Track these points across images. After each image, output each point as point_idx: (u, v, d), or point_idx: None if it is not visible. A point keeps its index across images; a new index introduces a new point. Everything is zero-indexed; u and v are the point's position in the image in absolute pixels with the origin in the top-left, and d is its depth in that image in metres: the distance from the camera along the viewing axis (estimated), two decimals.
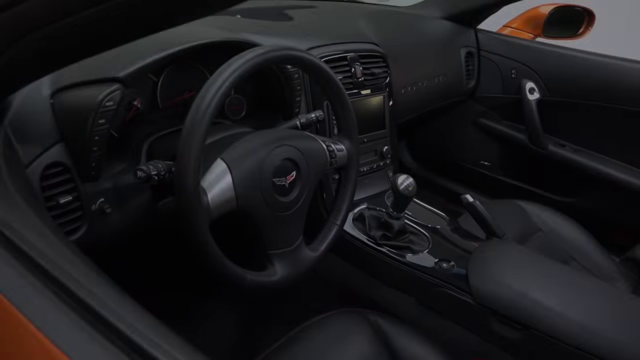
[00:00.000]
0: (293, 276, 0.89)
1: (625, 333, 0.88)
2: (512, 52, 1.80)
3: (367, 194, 1.32)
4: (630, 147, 1.63)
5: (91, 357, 0.43)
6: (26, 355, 0.46)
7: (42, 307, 0.46)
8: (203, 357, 0.46)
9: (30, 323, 0.45)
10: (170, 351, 0.44)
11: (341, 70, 1.22)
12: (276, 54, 0.80)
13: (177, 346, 0.45)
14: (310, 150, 0.90)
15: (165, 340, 0.45)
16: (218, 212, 0.76)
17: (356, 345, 0.94)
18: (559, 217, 1.48)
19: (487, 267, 1.04)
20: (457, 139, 2.01)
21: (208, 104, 0.71)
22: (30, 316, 0.45)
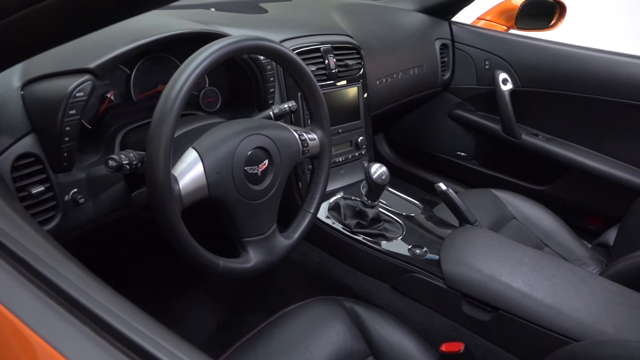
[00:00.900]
0: (267, 263, 0.91)
1: (588, 311, 0.92)
2: (485, 44, 1.83)
3: (342, 183, 1.34)
4: (600, 135, 1.68)
5: (70, 342, 0.44)
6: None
7: (17, 293, 0.47)
8: (184, 343, 0.47)
9: (3, 307, 0.46)
10: (150, 335, 0.45)
11: (315, 62, 1.24)
12: (245, 43, 0.81)
13: (158, 332, 0.46)
14: (282, 139, 0.91)
15: (146, 327, 0.46)
16: (190, 200, 0.77)
17: (333, 332, 0.96)
18: (533, 204, 1.52)
19: (458, 252, 1.07)
20: (433, 130, 2.04)
21: (177, 93, 0.72)
22: (4, 302, 0.46)
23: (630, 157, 1.62)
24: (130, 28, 0.91)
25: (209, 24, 1.09)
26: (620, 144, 1.64)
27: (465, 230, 1.16)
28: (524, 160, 1.83)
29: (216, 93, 1.17)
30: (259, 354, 0.91)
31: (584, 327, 0.89)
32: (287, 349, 0.92)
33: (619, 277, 1.08)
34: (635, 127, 1.59)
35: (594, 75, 1.63)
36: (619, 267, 1.10)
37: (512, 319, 0.95)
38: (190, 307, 1.44)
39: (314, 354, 0.92)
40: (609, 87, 1.60)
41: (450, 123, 1.98)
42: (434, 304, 1.07)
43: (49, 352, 0.43)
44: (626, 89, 1.57)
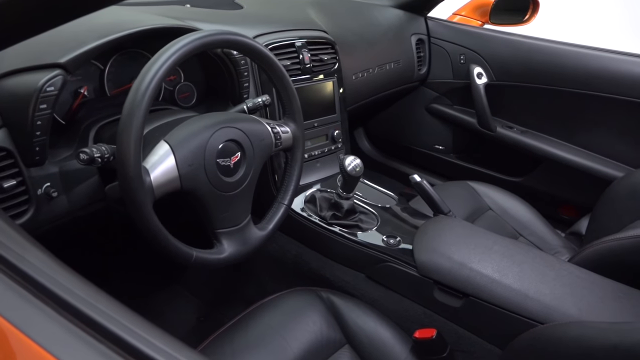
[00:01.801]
0: (241, 254, 0.92)
1: (554, 295, 0.95)
2: (460, 39, 1.87)
3: (319, 176, 1.36)
4: (572, 126, 1.72)
5: (48, 334, 0.45)
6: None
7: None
8: (163, 333, 0.48)
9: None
10: (129, 326, 0.46)
11: (289, 57, 1.25)
12: (214, 38, 0.83)
13: (137, 323, 0.47)
14: (254, 132, 0.93)
15: (125, 318, 0.47)
16: (161, 191, 0.78)
17: (309, 321, 0.98)
18: (508, 196, 1.55)
19: (430, 241, 1.10)
20: (411, 125, 2.07)
21: (146, 86, 0.73)
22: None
23: (601, 148, 1.67)
24: (102, 23, 0.92)
25: (182, 19, 1.10)
26: (591, 135, 1.68)
27: (438, 220, 1.19)
28: (500, 153, 1.87)
29: (191, 88, 1.18)
30: (236, 344, 0.93)
31: (549, 310, 0.92)
32: (263, 339, 0.93)
33: (585, 262, 1.11)
34: (604, 118, 1.64)
35: (565, 68, 1.67)
36: (585, 254, 1.13)
37: (481, 304, 0.98)
38: (171, 301, 1.45)
39: (290, 344, 0.94)
40: (580, 80, 1.64)
41: (428, 117, 2.01)
42: (408, 292, 1.09)
43: (25, 343, 0.44)
44: (596, 81, 1.61)
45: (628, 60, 1.58)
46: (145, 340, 0.45)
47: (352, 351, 0.98)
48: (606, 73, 1.59)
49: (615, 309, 0.92)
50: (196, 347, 0.91)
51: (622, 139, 1.62)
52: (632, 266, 1.05)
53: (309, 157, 1.34)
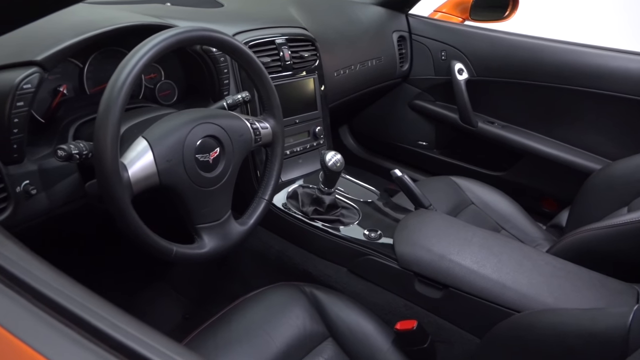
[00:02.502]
0: (222, 249, 0.93)
1: (531, 284, 0.97)
2: (441, 36, 1.89)
3: (301, 172, 1.37)
4: (551, 121, 1.75)
5: (32, 332, 0.45)
6: None
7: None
8: (147, 328, 0.49)
9: None
10: (113, 320, 0.47)
11: (269, 54, 1.26)
12: (190, 34, 0.83)
13: (121, 318, 0.48)
14: (233, 127, 0.94)
15: (114, 317, 0.47)
16: (140, 187, 0.79)
17: (292, 316, 0.99)
18: (490, 190, 1.57)
19: (410, 234, 1.11)
20: (395, 121, 2.09)
21: (122, 82, 0.74)
22: None
23: (580, 141, 1.70)
24: (79, 21, 0.92)
25: (162, 17, 1.10)
26: (570, 129, 1.71)
27: (419, 214, 1.20)
28: (482, 148, 1.89)
29: (172, 86, 1.18)
30: (219, 339, 0.93)
31: (526, 299, 0.94)
32: (246, 334, 0.94)
33: (562, 253, 1.13)
34: (583, 112, 1.67)
35: (543, 63, 1.70)
36: (562, 244, 1.16)
37: (461, 295, 1.00)
38: (155, 299, 1.45)
39: (273, 338, 0.94)
40: (558, 75, 1.67)
41: (411, 113, 2.04)
42: (389, 285, 1.11)
43: (9, 340, 0.44)
44: (574, 76, 1.64)
45: (604, 55, 1.61)
46: (129, 333, 0.46)
47: (335, 344, 1.00)
48: (583, 67, 1.62)
49: (589, 296, 0.94)
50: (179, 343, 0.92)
51: (600, 132, 1.66)
52: (606, 255, 1.07)
53: (290, 153, 1.35)
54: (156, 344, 0.46)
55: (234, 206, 1.01)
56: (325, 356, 0.97)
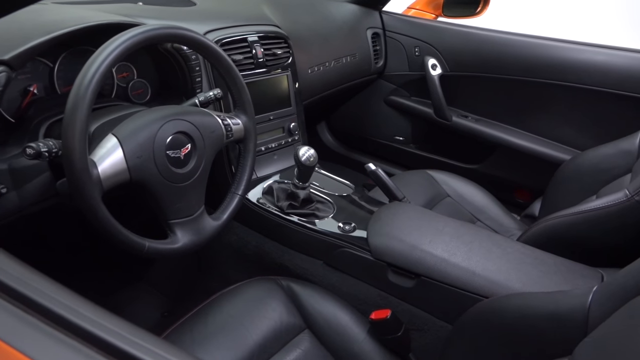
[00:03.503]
0: (195, 244, 0.94)
1: (499, 271, 0.99)
2: (414, 32, 1.92)
3: (276, 168, 1.38)
4: (522, 113, 1.79)
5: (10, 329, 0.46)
6: None
7: None
8: (126, 323, 0.49)
9: None
10: (96, 319, 0.47)
11: (242, 52, 1.27)
12: (157, 32, 0.84)
13: (98, 313, 0.48)
14: (204, 124, 0.95)
15: (91, 312, 0.48)
16: (110, 183, 0.80)
17: (269, 309, 1.00)
18: (465, 182, 1.60)
19: (383, 225, 1.13)
20: (371, 117, 2.12)
21: (90, 80, 0.75)
22: None
23: (550, 133, 1.74)
24: (48, 21, 0.92)
25: (133, 16, 1.11)
26: (541, 121, 1.75)
27: (392, 206, 1.22)
28: (457, 141, 1.93)
29: (145, 84, 1.19)
30: (195, 334, 0.94)
31: (495, 285, 0.97)
32: (223, 328, 0.95)
33: (531, 240, 1.17)
34: (552, 104, 1.71)
35: (515, 58, 1.73)
36: (531, 232, 1.19)
37: (432, 283, 1.02)
38: (134, 298, 1.45)
39: (250, 331, 0.96)
40: (529, 69, 1.70)
41: (387, 109, 2.06)
42: (363, 276, 1.13)
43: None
44: (543, 69, 1.68)
45: (571, 48, 1.65)
46: (107, 328, 0.47)
47: (311, 335, 1.01)
48: (551, 61, 1.66)
49: (555, 281, 0.97)
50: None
51: (569, 123, 1.70)
52: (572, 241, 1.11)
53: (265, 149, 1.36)
54: (135, 337, 0.47)
55: (209, 202, 1.02)
56: (302, 348, 0.99)
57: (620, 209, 1.02)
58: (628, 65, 1.55)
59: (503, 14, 2.22)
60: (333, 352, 0.99)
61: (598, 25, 2.84)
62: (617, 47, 1.59)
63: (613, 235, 1.05)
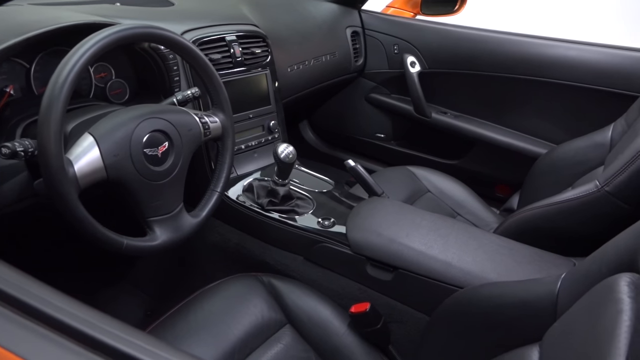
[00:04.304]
0: (174, 241, 0.95)
1: (475, 262, 1.02)
2: (393, 30, 1.94)
3: (257, 166, 1.39)
4: (499, 109, 1.82)
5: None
6: None
7: None
8: (109, 318, 0.50)
9: None
10: (79, 314, 0.48)
11: (220, 51, 1.28)
12: (132, 31, 0.85)
13: (81, 309, 0.49)
14: (181, 122, 0.96)
15: (74, 308, 0.49)
16: (86, 181, 0.80)
17: (250, 305, 1.01)
18: (445, 178, 1.63)
19: (362, 220, 1.15)
20: (353, 115, 2.14)
21: (64, 79, 0.75)
22: None
23: (527, 128, 1.78)
24: (23, 21, 0.93)
25: (109, 16, 1.11)
26: (517, 116, 1.79)
27: (371, 201, 1.24)
28: (436, 137, 1.95)
29: (123, 84, 1.19)
30: (177, 331, 0.95)
31: (470, 276, 0.99)
32: (204, 324, 0.96)
33: (507, 232, 1.19)
34: (528, 99, 1.74)
35: (491, 54, 1.76)
36: (507, 224, 1.22)
37: (410, 275, 1.04)
38: (117, 298, 1.45)
39: (231, 327, 0.97)
40: (504, 65, 1.74)
41: (368, 106, 2.09)
42: (343, 270, 1.14)
43: None
44: (519, 65, 1.71)
45: (545, 44, 1.68)
46: (91, 323, 0.48)
47: (293, 330, 1.02)
48: (526, 57, 1.69)
49: (529, 270, 0.99)
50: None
51: (545, 118, 1.73)
52: (546, 232, 1.13)
53: (245, 147, 1.37)
54: (119, 331, 0.48)
55: (189, 200, 1.03)
56: (283, 342, 1.00)
57: (591, 199, 1.05)
58: (599, 60, 1.59)
59: (481, 12, 2.25)
60: (314, 346, 1.00)
61: (574, 21, 2.89)
62: (588, 42, 1.63)
63: (585, 225, 1.08)
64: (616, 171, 1.01)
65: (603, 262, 0.68)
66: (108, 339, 0.46)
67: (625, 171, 0.99)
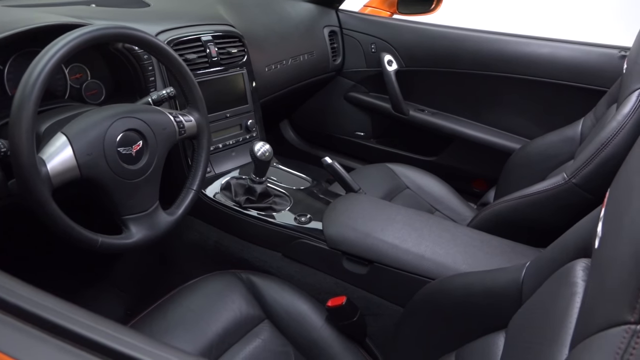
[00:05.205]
0: (150, 238, 0.96)
1: (447, 254, 1.04)
2: (370, 29, 1.97)
3: (235, 165, 1.41)
4: (475, 106, 1.85)
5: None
6: None
7: None
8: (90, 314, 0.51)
9: None
10: (59, 310, 0.49)
11: (195, 51, 1.29)
12: (103, 32, 0.86)
13: (62, 306, 0.50)
14: (155, 121, 0.97)
15: (54, 304, 0.50)
16: (59, 180, 0.81)
17: (228, 301, 1.02)
18: (424, 174, 1.65)
19: (338, 215, 1.17)
20: (332, 114, 2.16)
21: (35, 79, 0.76)
22: None
23: (502, 124, 1.81)
24: None
25: (84, 18, 1.12)
26: (493, 112, 1.82)
27: (347, 197, 1.26)
28: (415, 135, 1.98)
29: (99, 85, 1.20)
30: (155, 328, 0.96)
31: (442, 267, 1.01)
32: (182, 321, 0.97)
33: (480, 225, 1.22)
34: (503, 96, 1.78)
35: (465, 52, 1.80)
36: (479, 217, 1.24)
37: (385, 269, 1.06)
38: (97, 298, 1.46)
39: (209, 323, 0.97)
40: (479, 62, 1.77)
41: (347, 105, 2.11)
42: (320, 265, 1.16)
43: None
44: (493, 62, 1.75)
45: (519, 42, 1.72)
46: (71, 318, 0.49)
47: (271, 325, 1.03)
48: (501, 54, 1.73)
49: (499, 261, 1.02)
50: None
51: (519, 114, 1.77)
52: (517, 224, 1.16)
53: (223, 146, 1.39)
54: (101, 326, 0.49)
55: (167, 198, 1.04)
56: (262, 337, 1.01)
57: (559, 191, 1.08)
58: (571, 57, 1.62)
59: (456, 11, 2.29)
60: (292, 341, 1.01)
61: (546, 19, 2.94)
62: (560, 39, 1.67)
63: (554, 217, 1.11)
64: (582, 164, 1.04)
65: (563, 249, 0.70)
66: (92, 334, 0.48)
67: (591, 163, 1.02)
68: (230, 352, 0.96)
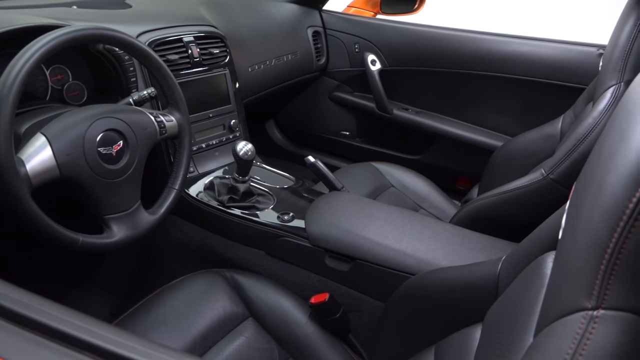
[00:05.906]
0: (131, 237, 0.96)
1: (428, 250, 1.05)
2: (354, 29, 1.98)
3: (218, 164, 1.41)
4: (458, 104, 1.87)
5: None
6: None
7: None
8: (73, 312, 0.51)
9: None
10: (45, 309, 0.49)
11: (177, 52, 1.30)
12: (82, 33, 0.86)
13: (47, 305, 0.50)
14: (135, 121, 0.97)
15: (39, 304, 0.50)
16: (39, 180, 0.82)
17: (212, 299, 1.03)
18: (408, 172, 1.67)
19: (320, 213, 1.18)
20: (318, 113, 2.17)
21: (12, 80, 0.76)
22: None
23: (485, 122, 1.83)
24: None
25: (65, 19, 1.12)
26: (475, 111, 1.84)
27: (329, 195, 1.27)
28: (399, 133, 2.00)
29: (81, 86, 1.20)
30: (138, 327, 0.96)
31: (422, 263, 1.03)
32: (166, 320, 0.98)
33: (461, 221, 1.24)
34: (485, 94, 1.80)
35: (448, 51, 1.82)
36: (461, 214, 1.26)
37: (367, 265, 1.07)
38: (82, 299, 1.45)
39: (192, 321, 0.98)
40: (461, 61, 1.79)
41: (332, 105, 2.12)
42: (303, 263, 1.17)
43: None
44: (475, 61, 1.77)
45: (500, 41, 1.74)
46: (57, 317, 0.49)
47: (255, 322, 1.04)
48: (483, 53, 1.75)
49: (479, 256, 1.03)
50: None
51: (501, 112, 1.79)
52: (497, 220, 1.18)
53: (206, 146, 1.39)
54: (86, 324, 0.50)
55: (150, 198, 1.05)
56: (245, 335, 1.02)
57: (538, 187, 1.10)
58: (551, 55, 1.65)
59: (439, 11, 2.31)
60: (276, 338, 1.02)
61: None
62: (540, 38, 1.69)
63: (533, 212, 1.11)
64: (559, 160, 1.06)
65: (537, 242, 0.72)
66: (79, 333, 0.48)
67: (567, 159, 1.05)
68: (214, 350, 0.97)
